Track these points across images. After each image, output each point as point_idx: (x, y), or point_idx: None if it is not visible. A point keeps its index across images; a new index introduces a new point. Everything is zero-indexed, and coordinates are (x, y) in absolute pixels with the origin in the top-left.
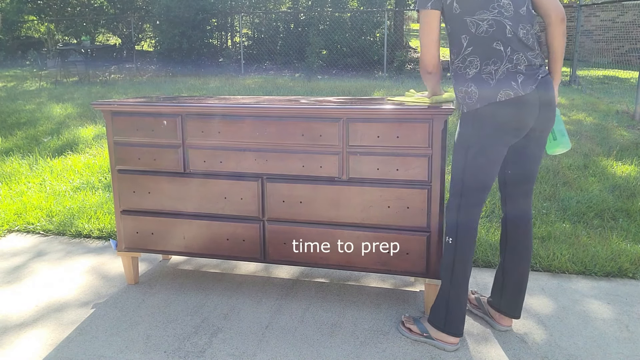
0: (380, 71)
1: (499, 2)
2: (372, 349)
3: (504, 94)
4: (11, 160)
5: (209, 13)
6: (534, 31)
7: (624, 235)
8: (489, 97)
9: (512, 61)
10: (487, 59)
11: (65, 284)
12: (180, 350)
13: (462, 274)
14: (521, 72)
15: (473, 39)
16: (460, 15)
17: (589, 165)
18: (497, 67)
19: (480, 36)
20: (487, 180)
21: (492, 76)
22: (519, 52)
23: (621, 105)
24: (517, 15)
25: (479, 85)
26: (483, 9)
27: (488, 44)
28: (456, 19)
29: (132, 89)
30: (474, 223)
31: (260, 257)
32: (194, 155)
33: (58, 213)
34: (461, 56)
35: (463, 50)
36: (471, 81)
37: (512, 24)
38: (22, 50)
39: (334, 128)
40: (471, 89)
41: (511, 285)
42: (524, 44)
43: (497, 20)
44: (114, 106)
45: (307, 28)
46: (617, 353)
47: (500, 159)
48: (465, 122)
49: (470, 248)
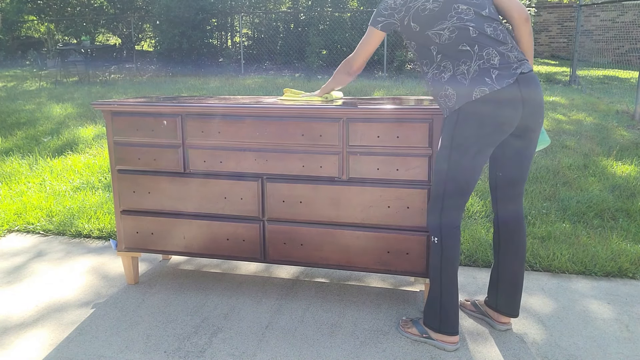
0: (380, 71)
1: (457, 10)
2: (372, 349)
3: (479, 91)
4: (11, 160)
5: (209, 13)
6: (503, 27)
7: (624, 235)
8: (466, 96)
9: (483, 57)
10: (458, 60)
11: (65, 284)
12: (180, 350)
13: (451, 272)
14: (495, 66)
15: (440, 47)
16: (421, 31)
17: (589, 165)
18: (469, 66)
19: (446, 44)
20: (470, 182)
21: (465, 76)
22: (488, 47)
23: (621, 105)
24: (479, 17)
25: (455, 86)
26: (441, 20)
27: (454, 48)
28: (418, 35)
29: (132, 89)
30: (457, 222)
31: (260, 257)
32: (194, 155)
33: (58, 213)
34: (435, 64)
35: (435, 59)
36: (447, 84)
37: (475, 25)
38: (22, 50)
39: (334, 128)
40: (448, 92)
41: (506, 284)
42: (493, 39)
43: (457, 26)
44: (114, 106)
45: (307, 28)
46: (617, 353)
47: (484, 160)
48: (447, 124)
49: (456, 246)
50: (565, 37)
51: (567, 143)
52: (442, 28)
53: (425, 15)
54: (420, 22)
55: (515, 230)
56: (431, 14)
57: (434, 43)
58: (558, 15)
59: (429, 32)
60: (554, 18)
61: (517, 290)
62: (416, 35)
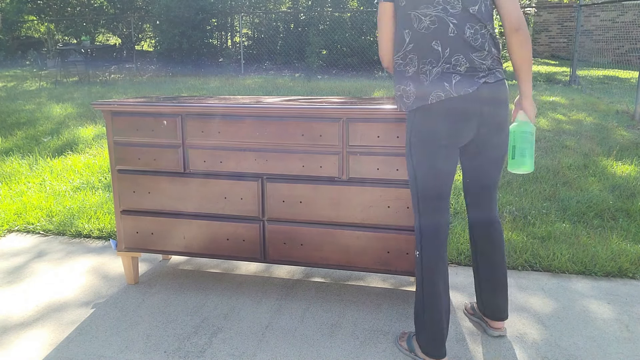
0: (381, 71)
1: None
2: (372, 349)
3: (435, 95)
4: (11, 160)
5: (209, 13)
6: (486, 31)
7: (624, 235)
8: (422, 99)
9: (450, 62)
10: (424, 59)
11: (65, 284)
12: (180, 350)
13: (433, 286)
14: (459, 72)
15: (415, 34)
16: (405, 8)
17: (589, 165)
18: (432, 67)
19: (421, 32)
20: (440, 185)
21: (427, 76)
22: (459, 53)
23: (621, 105)
24: (464, 14)
25: (416, 85)
26: (427, 3)
27: (427, 42)
28: (401, 12)
29: (132, 89)
30: (438, 232)
31: (260, 257)
32: (194, 155)
33: (58, 213)
34: (402, 52)
35: (405, 46)
36: (410, 80)
37: (457, 22)
38: (22, 50)
39: (334, 128)
40: (409, 88)
41: (487, 289)
42: (468, 45)
43: (440, 17)
44: (114, 106)
45: (307, 28)
46: (617, 353)
47: (448, 165)
48: (407, 126)
49: (436, 257)
50: (565, 37)
51: (567, 143)
52: (425, 13)
53: None
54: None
55: (488, 234)
56: None
57: (411, 27)
58: (558, 15)
59: (412, 12)
60: (554, 18)
61: (499, 294)
62: (399, 11)
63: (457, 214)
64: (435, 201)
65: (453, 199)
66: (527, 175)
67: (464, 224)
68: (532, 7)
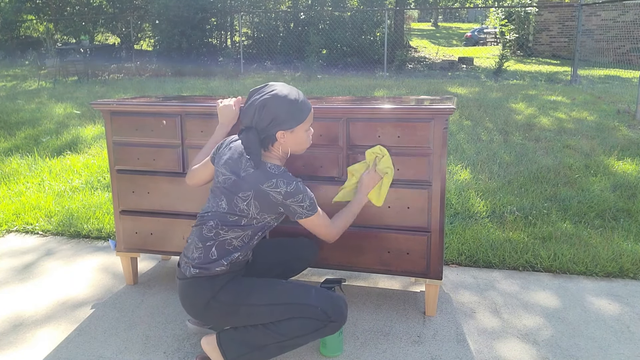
0: (381, 70)
1: (218, 172)
2: (372, 349)
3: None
4: (10, 160)
5: (208, 12)
6: (222, 223)
7: (626, 235)
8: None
9: (187, 243)
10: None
11: (63, 284)
12: (179, 350)
13: (297, 344)
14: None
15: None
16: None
17: (590, 165)
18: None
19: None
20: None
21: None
22: (194, 236)
23: (622, 105)
24: (225, 197)
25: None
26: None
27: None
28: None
29: (131, 89)
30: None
31: None
32: (194, 155)
33: (57, 213)
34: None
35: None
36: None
37: (214, 205)
38: (21, 49)
39: (335, 127)
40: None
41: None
42: (202, 235)
43: (212, 190)
44: (113, 106)
45: (307, 27)
46: (618, 354)
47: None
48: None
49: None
50: (566, 37)
51: (569, 142)
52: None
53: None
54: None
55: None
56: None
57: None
58: (559, 15)
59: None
60: (554, 17)
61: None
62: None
63: (457, 214)
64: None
65: (453, 199)
66: (528, 175)
67: (464, 224)
68: (534, 6)
